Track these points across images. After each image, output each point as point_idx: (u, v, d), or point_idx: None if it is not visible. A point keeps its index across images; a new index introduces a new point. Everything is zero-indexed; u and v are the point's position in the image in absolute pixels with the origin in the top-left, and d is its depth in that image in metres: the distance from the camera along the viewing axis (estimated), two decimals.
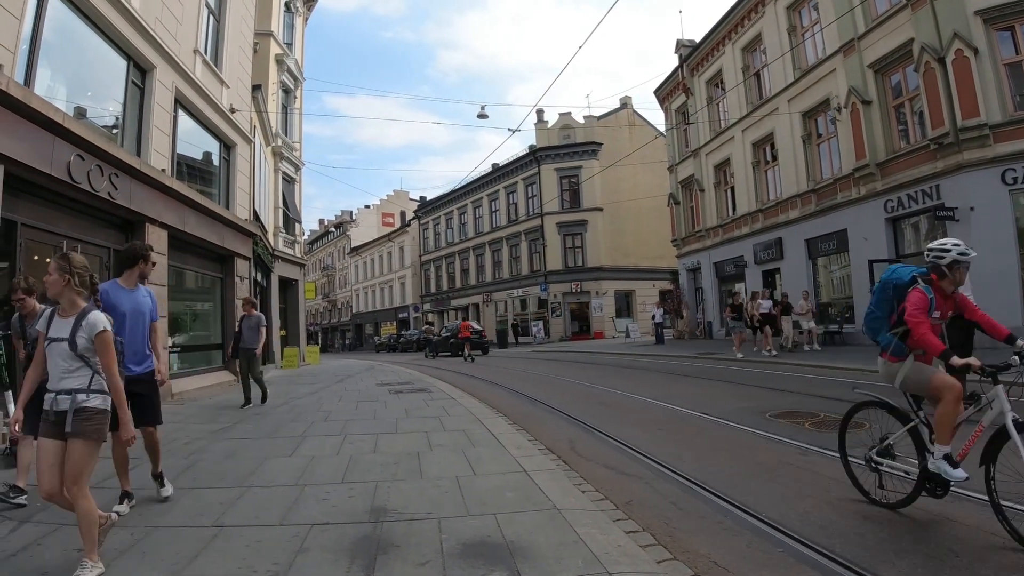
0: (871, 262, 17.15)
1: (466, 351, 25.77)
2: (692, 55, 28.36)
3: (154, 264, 4.85)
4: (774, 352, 16.81)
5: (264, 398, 10.91)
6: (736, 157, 25.52)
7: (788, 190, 22.06)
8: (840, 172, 19.36)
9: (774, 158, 23.29)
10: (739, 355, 16.29)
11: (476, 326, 31.28)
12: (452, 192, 54.04)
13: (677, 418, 8.24)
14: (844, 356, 14.38)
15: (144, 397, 4.73)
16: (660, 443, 6.66)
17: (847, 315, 19.16)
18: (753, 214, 24.34)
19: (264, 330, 10.99)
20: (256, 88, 19.42)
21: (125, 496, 4.64)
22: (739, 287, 25.64)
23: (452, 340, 30.26)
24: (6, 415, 6.26)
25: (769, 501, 4.48)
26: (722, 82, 26.56)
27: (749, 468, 5.41)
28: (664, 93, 32.12)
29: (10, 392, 6.36)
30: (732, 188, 26.50)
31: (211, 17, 15.43)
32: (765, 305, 17.46)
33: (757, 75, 24.31)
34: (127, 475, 4.73)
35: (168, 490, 4.84)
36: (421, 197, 64.84)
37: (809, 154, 21.10)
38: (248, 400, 10.57)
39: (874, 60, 17.52)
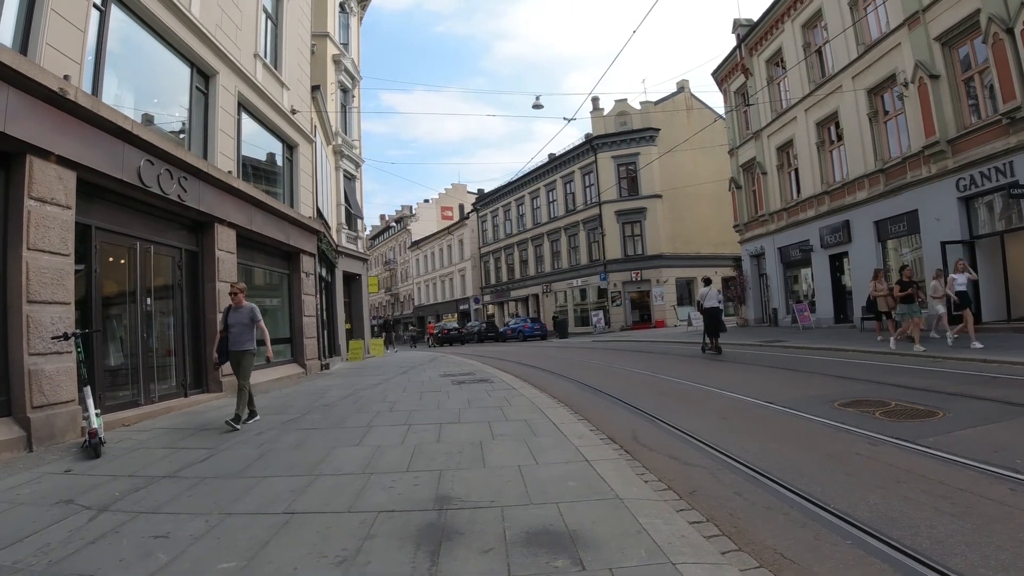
0: (943, 244, 16.47)
1: (429, 341, 45.40)
2: (750, 34, 27.58)
3: None
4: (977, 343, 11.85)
5: (250, 414, 8.28)
6: (799, 138, 24.72)
7: (855, 170, 21.24)
8: (909, 150, 18.51)
9: (839, 138, 22.47)
10: (919, 347, 12.32)
11: (450, 325, 48.87)
12: (509, 184, 54.14)
13: (741, 407, 8.06)
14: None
15: None
16: (724, 433, 6.53)
17: (920, 300, 18.41)
18: (819, 196, 23.54)
19: (262, 325, 8.49)
20: (315, 89, 19.82)
21: None
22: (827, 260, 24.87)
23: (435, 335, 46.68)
24: (85, 410, 6.59)
25: (837, 492, 4.34)
26: (782, 61, 25.75)
27: (816, 458, 5.25)
28: (722, 75, 31.34)
29: (89, 388, 6.71)
30: (796, 170, 25.70)
31: (269, 21, 15.80)
32: (960, 281, 13.15)
33: (819, 52, 23.43)
34: None
35: None
36: (479, 190, 65.22)
37: (876, 132, 20.23)
38: (252, 412, 8.34)
39: (940, 33, 16.68)
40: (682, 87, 43.96)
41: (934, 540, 3.44)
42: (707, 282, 18.14)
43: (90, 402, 6.56)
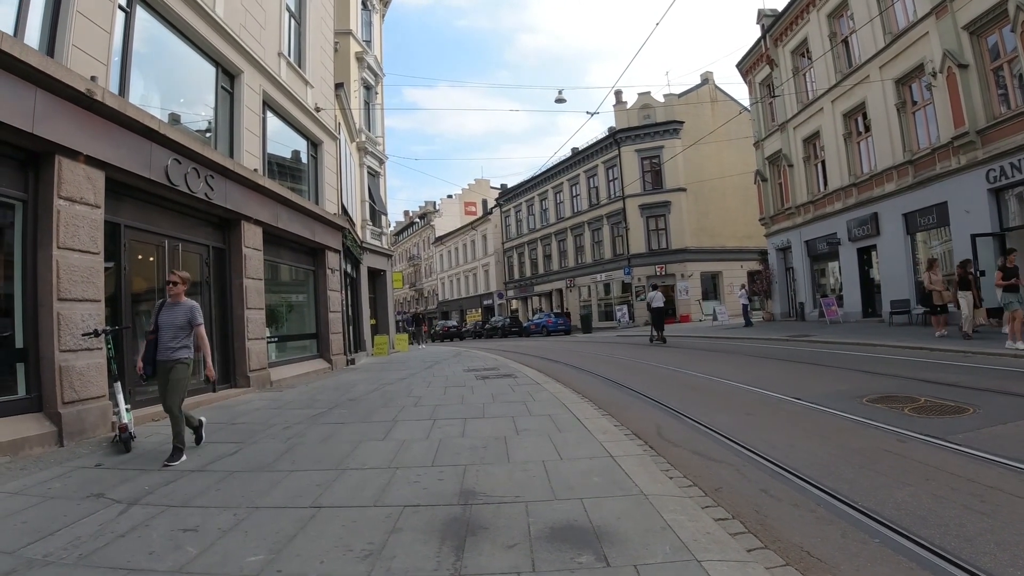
0: (974, 236, 16.10)
1: (423, 338, 41.19)
2: (775, 25, 27.20)
3: None
4: None
5: (176, 449, 5.92)
6: (826, 129, 24.35)
7: (883, 162, 20.84)
8: (938, 141, 18.12)
9: (867, 129, 22.07)
10: (1020, 345, 10.65)
11: (450, 323, 52.97)
12: (532, 178, 54.10)
13: (767, 403, 7.98)
14: None
15: None
16: (749, 429, 6.47)
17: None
18: (846, 188, 23.17)
19: (202, 331, 6.54)
20: (339, 86, 19.92)
21: None
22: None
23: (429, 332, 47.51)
24: (116, 405, 6.69)
25: (865, 489, 4.29)
26: (808, 51, 25.36)
27: (844, 455, 5.18)
28: (747, 66, 30.96)
29: (119, 383, 6.81)
30: (823, 162, 25.33)
31: (292, 20, 15.91)
32: None
33: (845, 42, 23.02)
34: None
35: None
36: (502, 185, 65.30)
37: (904, 123, 19.83)
38: (180, 448, 5.93)
39: (968, 21, 16.30)
40: (706, 79, 43.55)
41: (963, 539, 3.39)
42: (654, 287, 24.85)
43: (120, 398, 6.66)
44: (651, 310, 21.78)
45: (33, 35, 7.24)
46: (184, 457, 5.91)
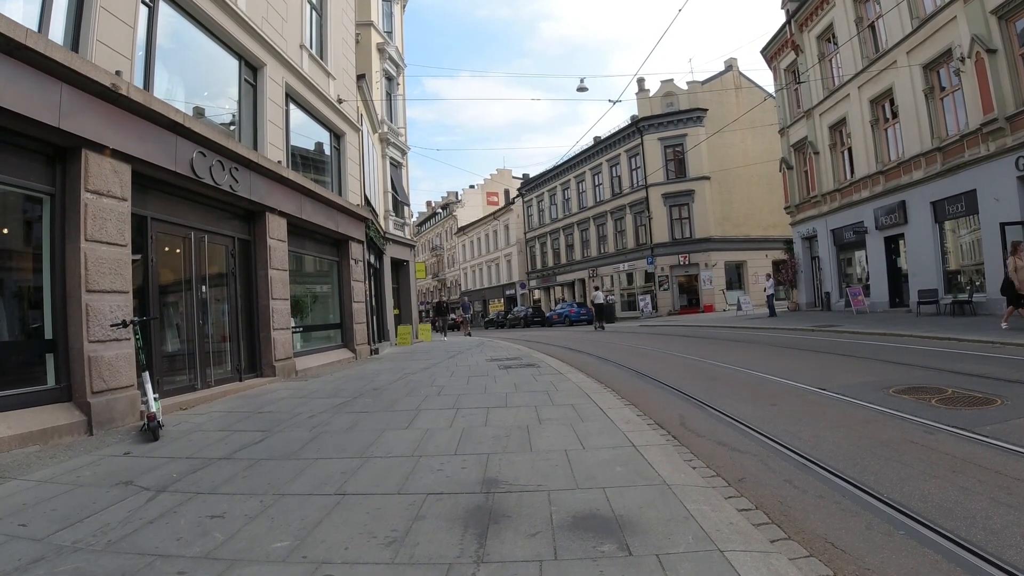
0: (1003, 225, 15.80)
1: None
2: (800, 10, 26.78)
3: None
4: None
5: None
6: (852, 116, 23.98)
7: (911, 149, 20.48)
8: (967, 128, 17.76)
9: (894, 115, 21.70)
10: None
11: (463, 315, 47.95)
12: (554, 168, 53.97)
13: (792, 393, 7.89)
14: None
15: None
16: (774, 419, 6.41)
17: (978, 283, 17.74)
18: (873, 176, 22.80)
19: None
20: (360, 78, 19.95)
21: None
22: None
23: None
24: (144, 395, 6.80)
25: (891, 481, 4.23)
26: (834, 36, 24.97)
27: (869, 446, 5.11)
28: (772, 52, 30.57)
29: (147, 373, 6.91)
30: (849, 149, 24.97)
31: (314, 12, 15.95)
32: None
33: (872, 27, 22.61)
34: None
35: None
36: (524, 175, 65.20)
37: (932, 109, 19.45)
38: None
39: (996, 5, 15.95)
40: (730, 66, 43.07)
41: (990, 531, 3.34)
42: (596, 288, 37.07)
43: (148, 387, 6.75)
44: (594, 305, 30.47)
45: (58, 30, 7.32)
46: None
